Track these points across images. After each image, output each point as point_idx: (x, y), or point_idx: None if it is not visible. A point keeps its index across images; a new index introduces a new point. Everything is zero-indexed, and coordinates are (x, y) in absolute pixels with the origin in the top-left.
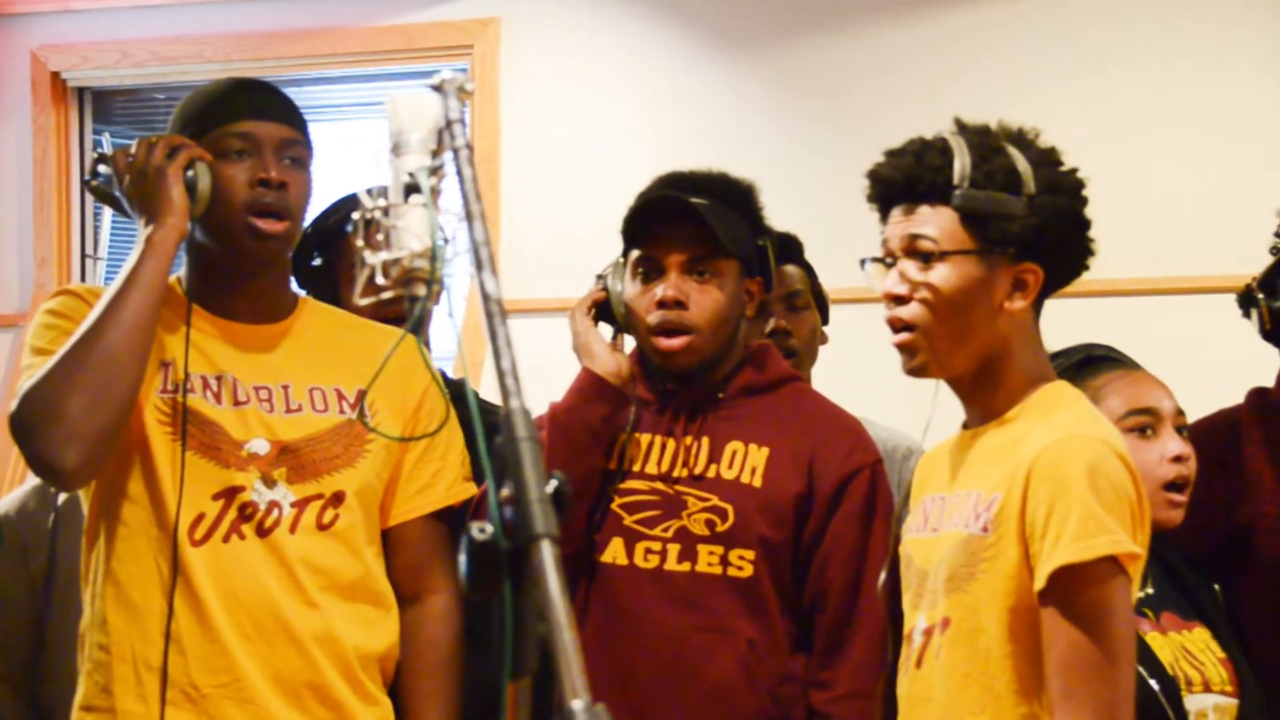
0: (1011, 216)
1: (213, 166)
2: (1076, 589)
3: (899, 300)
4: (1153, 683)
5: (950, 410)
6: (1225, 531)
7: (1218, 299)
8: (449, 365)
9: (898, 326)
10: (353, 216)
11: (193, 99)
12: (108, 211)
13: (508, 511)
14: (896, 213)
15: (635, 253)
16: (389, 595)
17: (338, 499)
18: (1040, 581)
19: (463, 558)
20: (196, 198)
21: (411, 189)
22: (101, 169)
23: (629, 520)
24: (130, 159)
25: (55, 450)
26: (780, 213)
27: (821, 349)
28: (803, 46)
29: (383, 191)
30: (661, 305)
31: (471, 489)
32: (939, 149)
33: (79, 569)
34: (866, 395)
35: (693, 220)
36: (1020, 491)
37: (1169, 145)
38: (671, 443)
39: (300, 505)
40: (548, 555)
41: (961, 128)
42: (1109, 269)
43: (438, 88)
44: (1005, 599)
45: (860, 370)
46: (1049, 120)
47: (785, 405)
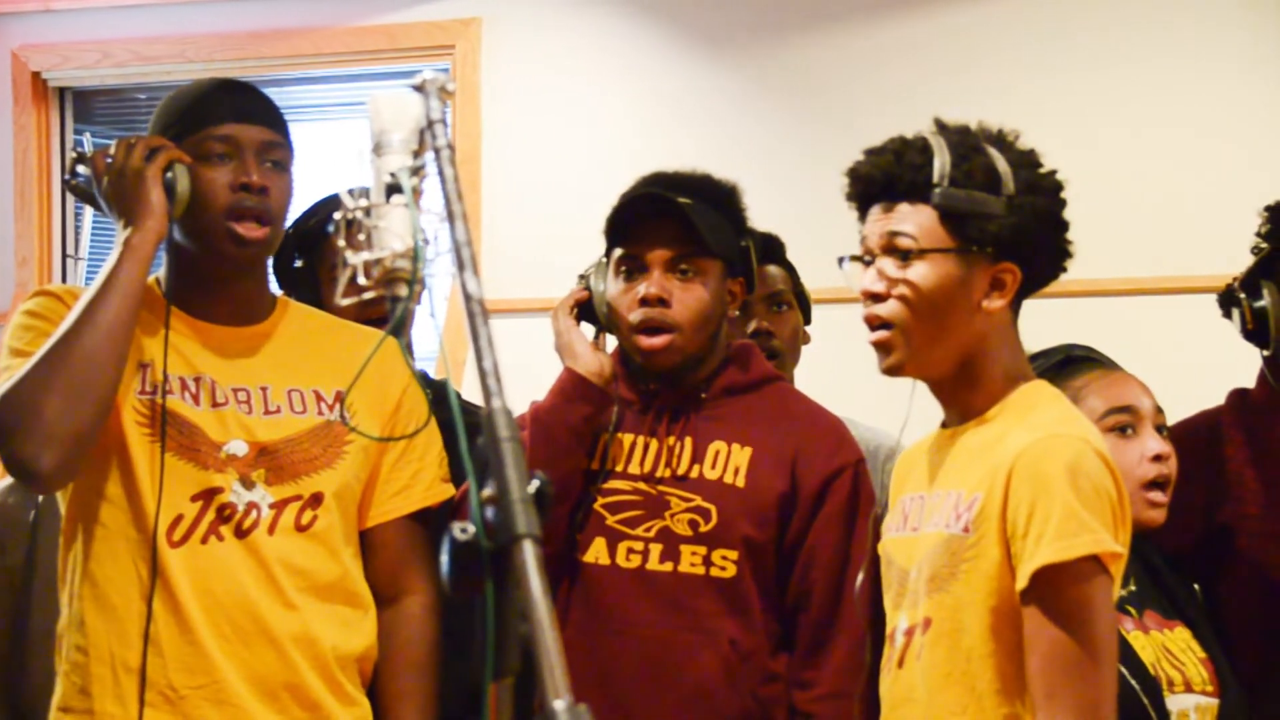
0: (990, 216)
1: (193, 169)
2: (1059, 588)
3: (877, 298)
4: (1134, 683)
5: (930, 410)
6: (1205, 532)
7: (1198, 299)
8: (431, 365)
9: (875, 324)
10: (334, 217)
11: (174, 100)
12: (89, 211)
13: (489, 512)
14: (875, 211)
15: (618, 251)
16: (367, 596)
17: (316, 500)
18: (1022, 581)
19: (445, 558)
20: (175, 200)
21: (393, 189)
22: (80, 169)
23: (611, 520)
24: (109, 160)
25: (31, 453)
26: (762, 213)
27: (804, 349)
28: (785, 46)
29: (364, 192)
30: (644, 303)
31: (450, 490)
32: (919, 148)
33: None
34: (849, 395)
35: (677, 219)
36: (1001, 491)
37: (1150, 146)
38: (654, 443)
39: (279, 507)
40: (530, 555)
41: (941, 127)
42: (1090, 270)
43: (419, 88)
44: (987, 599)
45: (843, 370)
46: (1034, 120)
47: (768, 405)
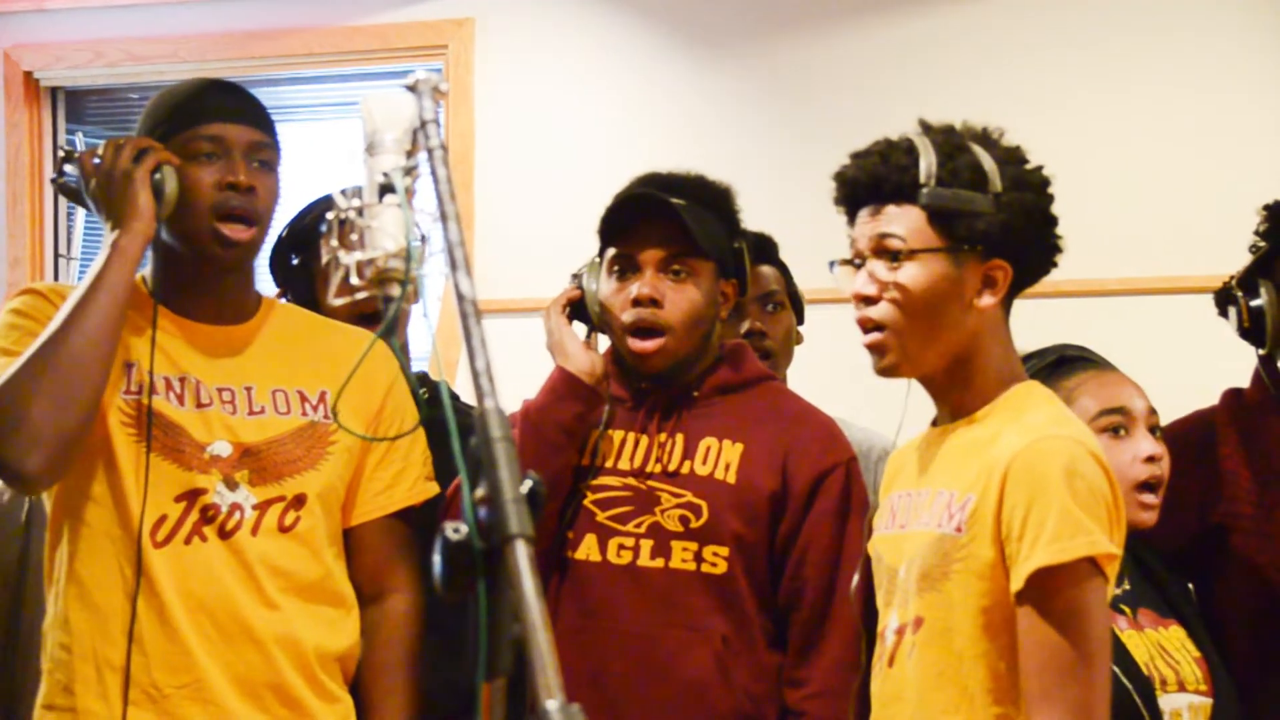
0: (978, 214)
1: (180, 169)
2: (1054, 590)
3: (868, 301)
4: (1127, 683)
5: (924, 410)
6: (1200, 531)
7: (1193, 299)
8: (424, 365)
9: (868, 327)
10: (327, 216)
11: (162, 99)
12: (80, 211)
13: (482, 511)
14: (864, 214)
15: (611, 251)
16: (350, 595)
17: (299, 501)
18: (1018, 583)
19: (437, 558)
20: (163, 201)
21: (386, 189)
22: (68, 169)
23: (602, 516)
24: (98, 161)
25: (17, 455)
26: (755, 213)
27: (797, 349)
28: (777, 48)
29: (357, 192)
30: (637, 303)
31: (434, 489)
32: (904, 149)
33: None
34: (842, 395)
35: (670, 219)
36: (996, 493)
37: (1145, 146)
38: (645, 439)
39: (262, 507)
40: (522, 556)
41: (926, 128)
42: (1085, 269)
43: (412, 88)
44: (979, 599)
45: (835, 370)
46: (1028, 121)
47: (760, 403)
